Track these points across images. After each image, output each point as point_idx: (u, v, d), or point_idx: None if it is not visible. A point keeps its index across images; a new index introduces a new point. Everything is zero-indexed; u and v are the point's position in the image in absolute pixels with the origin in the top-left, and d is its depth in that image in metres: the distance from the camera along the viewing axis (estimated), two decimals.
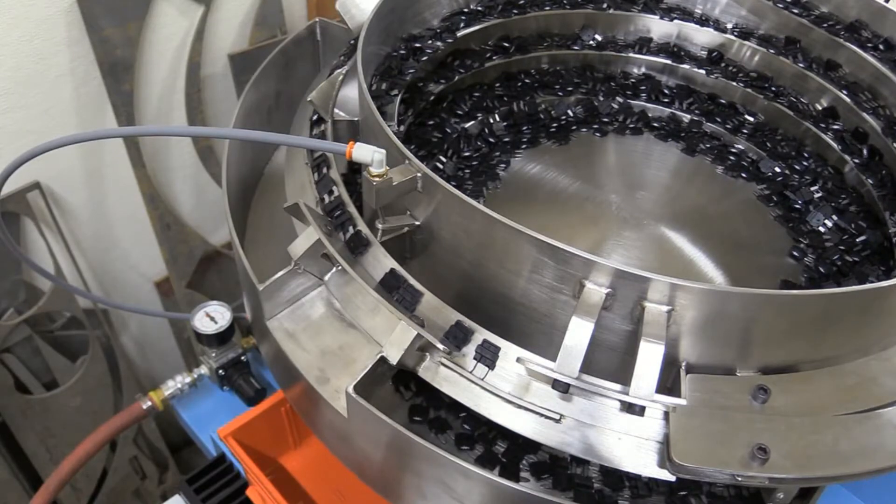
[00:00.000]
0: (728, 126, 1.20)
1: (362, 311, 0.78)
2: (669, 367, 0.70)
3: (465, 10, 1.16)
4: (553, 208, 1.04)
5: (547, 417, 0.72)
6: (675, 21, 1.23)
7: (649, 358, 0.66)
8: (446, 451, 0.68)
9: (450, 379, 0.74)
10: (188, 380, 1.25)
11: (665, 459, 0.67)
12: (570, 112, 1.19)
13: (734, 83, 1.20)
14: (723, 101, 1.22)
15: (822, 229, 1.03)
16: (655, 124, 1.21)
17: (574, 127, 1.18)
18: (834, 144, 1.11)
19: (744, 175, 1.13)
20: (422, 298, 0.77)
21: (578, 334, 0.67)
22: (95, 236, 1.58)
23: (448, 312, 0.76)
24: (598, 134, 1.18)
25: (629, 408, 0.71)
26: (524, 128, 1.16)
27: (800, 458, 0.64)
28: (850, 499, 1.03)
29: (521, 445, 0.81)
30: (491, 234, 0.71)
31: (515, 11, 1.19)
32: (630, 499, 0.78)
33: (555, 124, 1.17)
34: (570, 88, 1.22)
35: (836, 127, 1.11)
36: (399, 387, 0.83)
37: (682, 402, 0.69)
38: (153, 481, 1.90)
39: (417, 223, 0.80)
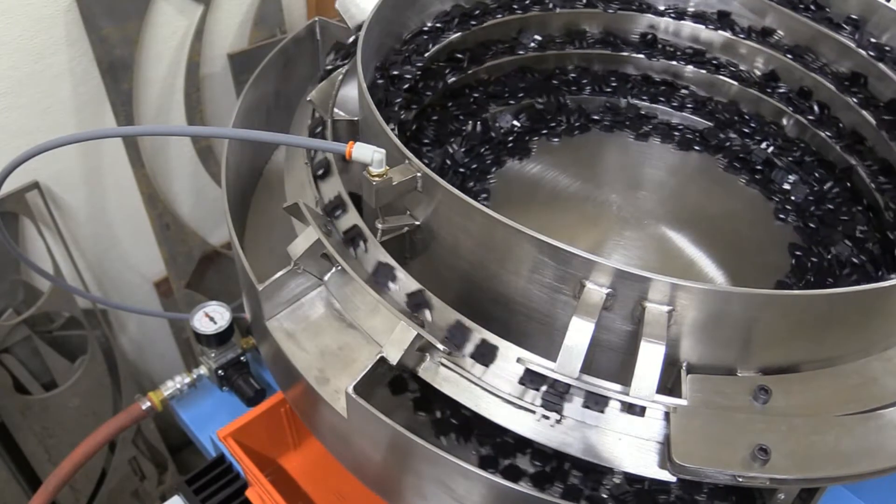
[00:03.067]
0: (674, 104, 1.22)
1: (362, 311, 0.78)
2: (670, 367, 0.70)
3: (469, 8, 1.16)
4: (553, 208, 1.03)
5: (547, 418, 0.71)
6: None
7: (650, 358, 0.66)
8: (446, 452, 0.68)
9: (450, 379, 0.73)
10: (187, 380, 1.25)
11: (666, 460, 0.67)
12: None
13: (674, 62, 1.22)
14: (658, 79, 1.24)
15: (787, 186, 1.09)
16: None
17: (563, 127, 1.18)
18: (781, 105, 1.16)
19: (696, 148, 1.16)
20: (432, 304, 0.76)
21: (579, 334, 0.67)
22: (94, 236, 1.58)
23: (449, 313, 0.75)
24: (578, 132, 1.18)
25: (630, 408, 0.70)
26: (521, 128, 1.15)
27: (801, 459, 0.64)
28: (851, 500, 1.02)
29: (521, 446, 0.81)
30: (491, 234, 0.70)
31: (517, 11, 1.18)
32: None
33: (546, 128, 1.17)
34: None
35: (781, 90, 1.16)
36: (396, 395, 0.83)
37: (682, 402, 0.68)
38: (152, 482, 1.89)
39: (417, 223, 0.79)
